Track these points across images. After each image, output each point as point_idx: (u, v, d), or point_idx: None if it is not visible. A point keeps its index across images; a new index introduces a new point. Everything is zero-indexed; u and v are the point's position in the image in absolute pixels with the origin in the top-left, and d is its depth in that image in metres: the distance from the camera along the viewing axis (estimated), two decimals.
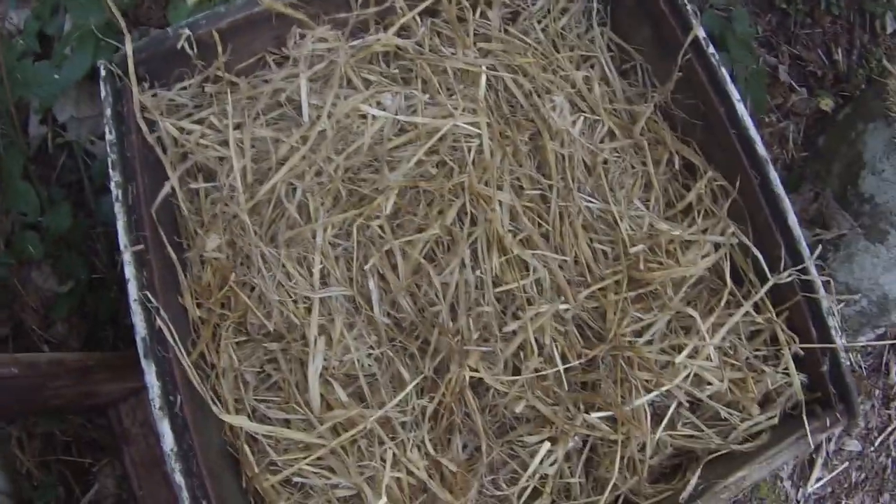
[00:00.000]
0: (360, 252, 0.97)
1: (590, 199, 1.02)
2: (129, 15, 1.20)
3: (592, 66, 1.10)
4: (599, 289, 1.01)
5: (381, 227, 0.98)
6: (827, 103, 1.35)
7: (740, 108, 1.02)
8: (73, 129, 1.23)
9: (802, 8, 1.38)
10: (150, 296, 0.91)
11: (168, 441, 0.86)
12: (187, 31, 1.00)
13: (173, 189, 0.99)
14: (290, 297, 0.96)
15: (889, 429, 1.56)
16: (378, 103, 1.01)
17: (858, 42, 1.45)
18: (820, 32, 1.40)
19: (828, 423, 0.99)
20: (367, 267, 0.96)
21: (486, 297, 0.98)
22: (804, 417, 0.96)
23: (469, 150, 1.01)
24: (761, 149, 1.02)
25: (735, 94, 1.03)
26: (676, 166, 1.06)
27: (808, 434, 0.96)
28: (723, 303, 1.01)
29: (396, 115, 1.00)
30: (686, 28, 1.05)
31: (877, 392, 1.42)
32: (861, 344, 1.34)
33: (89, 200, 1.22)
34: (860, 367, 1.37)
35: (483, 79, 1.02)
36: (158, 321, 0.91)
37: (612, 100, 1.08)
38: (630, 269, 1.01)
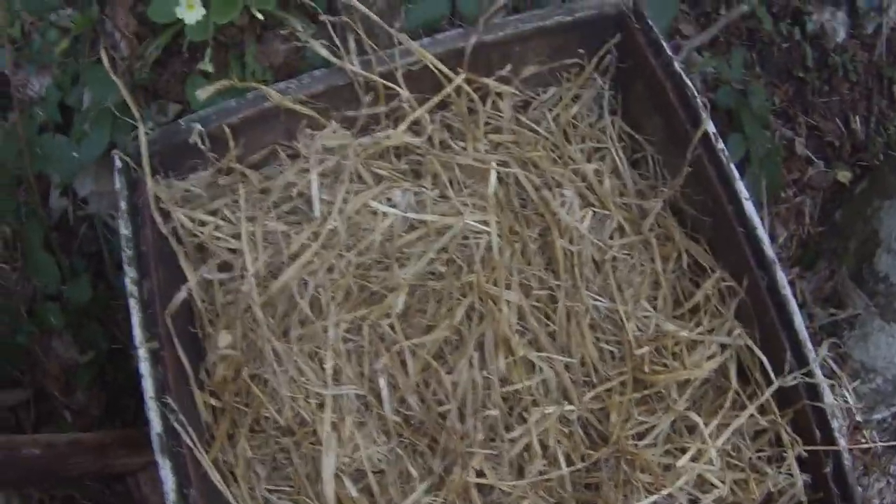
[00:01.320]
0: (370, 349, 0.99)
1: (597, 298, 1.02)
2: (148, 88, 1.21)
3: (603, 158, 1.09)
4: (604, 390, 1.02)
5: (391, 325, 1.00)
6: (844, 175, 1.33)
7: (749, 208, 1.00)
8: (93, 203, 1.24)
9: (820, 75, 1.36)
10: (165, 392, 0.95)
11: None
12: (199, 126, 1.00)
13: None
14: (302, 393, 0.98)
15: None
16: (388, 199, 1.02)
17: (876, 108, 1.41)
18: (838, 100, 1.37)
19: None
20: (377, 367, 0.98)
21: (493, 397, 0.99)
22: None
23: (478, 247, 1.01)
24: (769, 250, 1.00)
25: (744, 193, 1.01)
26: (685, 264, 1.04)
27: None
28: (728, 404, 1.02)
29: (406, 212, 1.01)
30: (696, 122, 1.04)
31: (892, 468, 1.40)
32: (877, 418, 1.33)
33: (109, 273, 1.23)
34: (875, 443, 1.35)
35: (493, 176, 1.02)
36: (173, 421, 0.94)
37: (622, 192, 1.07)
38: (635, 371, 1.00)
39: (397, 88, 0.99)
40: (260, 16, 1.16)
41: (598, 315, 1.02)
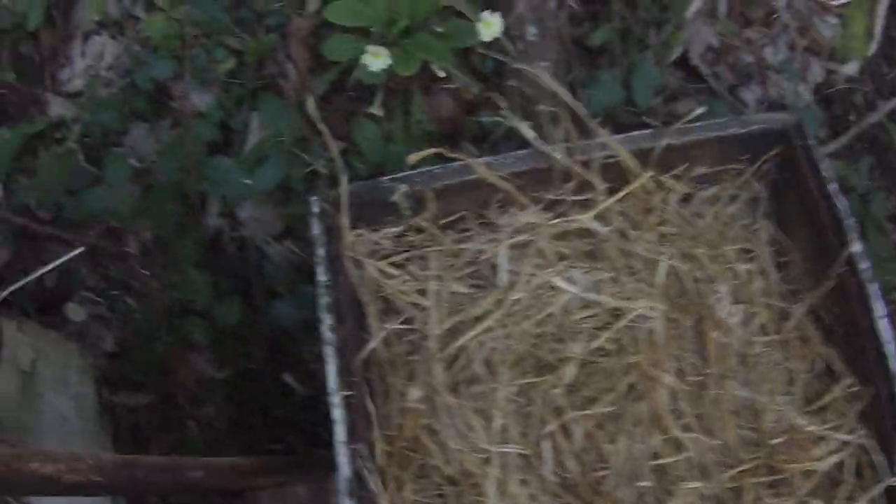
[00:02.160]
0: (537, 413, 1.07)
1: (741, 388, 1.14)
2: (314, 125, 1.25)
3: (753, 259, 1.18)
4: (740, 472, 1.13)
5: (559, 394, 1.07)
6: None
7: (882, 325, 1.12)
8: (250, 227, 1.27)
9: None
10: (353, 439, 1.01)
11: None
12: (404, 187, 1.08)
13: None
14: (469, 447, 1.05)
15: None
16: (568, 278, 1.10)
17: None
18: None
19: None
20: (545, 431, 1.05)
21: (644, 469, 1.08)
22: None
23: (641, 331, 1.10)
24: (893, 365, 1.13)
25: (880, 312, 1.12)
26: (818, 367, 1.13)
27: None
28: (843, 495, 1.14)
29: (584, 291, 1.09)
30: (842, 240, 1.14)
31: None
32: None
33: (256, 297, 1.26)
34: None
35: (663, 267, 1.11)
36: (361, 465, 1.00)
37: (768, 293, 1.17)
38: (768, 458, 1.12)
39: (593, 180, 1.07)
40: (442, 73, 1.22)
41: (741, 404, 1.14)
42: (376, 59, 1.19)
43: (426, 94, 1.27)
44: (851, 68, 1.45)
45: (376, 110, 1.24)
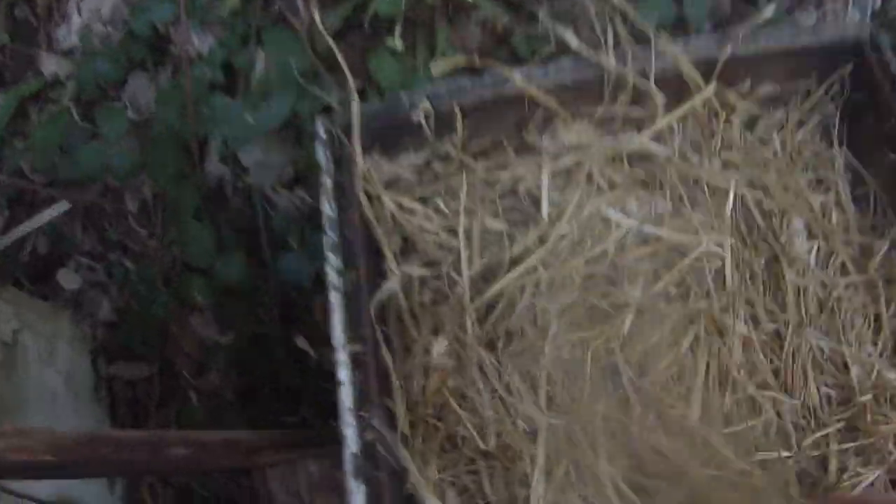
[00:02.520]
0: (590, 373, 0.75)
1: (822, 337, 0.81)
2: (326, 59, 0.95)
3: (827, 190, 0.85)
4: (822, 436, 0.81)
5: (615, 349, 0.75)
6: None
7: None
8: (256, 174, 0.93)
9: None
10: (364, 404, 0.69)
11: None
12: (428, 104, 0.74)
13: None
14: (510, 416, 0.73)
15: None
16: (622, 209, 0.78)
17: None
18: None
19: None
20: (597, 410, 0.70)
21: (714, 438, 0.76)
22: None
23: (710, 271, 0.79)
24: None
25: None
26: None
27: None
28: None
29: (642, 224, 0.78)
30: None
31: None
32: None
33: (264, 252, 0.92)
34: None
35: (732, 196, 0.77)
36: (370, 435, 0.68)
37: (846, 228, 0.83)
38: (854, 420, 0.79)
39: (652, 91, 0.73)
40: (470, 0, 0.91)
41: (822, 355, 0.79)
42: None
43: (451, 25, 0.97)
44: None
45: (396, 44, 0.93)
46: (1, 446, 0.60)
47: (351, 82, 0.74)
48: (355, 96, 0.73)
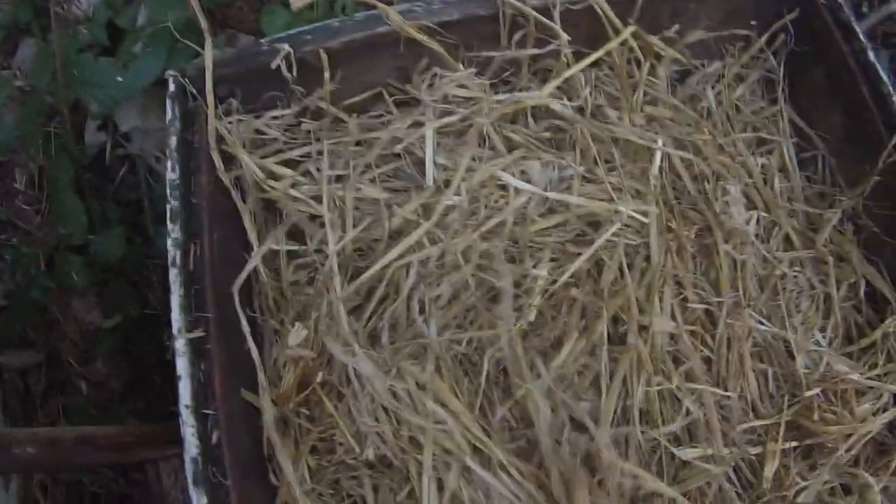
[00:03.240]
0: (485, 367, 0.57)
1: (762, 321, 0.61)
2: (215, 14, 0.77)
3: (770, 152, 0.65)
4: (762, 432, 0.63)
5: (516, 338, 0.58)
6: None
7: None
8: (136, 141, 0.76)
9: None
10: (207, 400, 0.53)
11: None
12: (287, 47, 0.55)
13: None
14: (390, 422, 0.52)
15: None
16: (523, 172, 0.58)
17: None
18: None
19: None
20: (498, 415, 0.51)
21: (632, 439, 0.59)
22: None
23: (628, 248, 0.61)
24: None
25: None
26: (861, 293, 0.61)
27: None
28: (894, 465, 0.65)
29: (546, 190, 0.58)
30: (891, 124, 0.65)
31: None
32: None
33: (148, 226, 0.75)
34: None
35: (658, 157, 0.58)
36: (216, 436, 0.52)
37: (790, 197, 0.64)
38: (798, 416, 0.59)
39: (556, 29, 0.55)
40: None
41: (762, 341, 0.60)
42: None
43: None
44: None
45: None
46: None
47: (205, 24, 0.57)
48: (209, 40, 0.57)
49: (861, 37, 0.64)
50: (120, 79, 0.68)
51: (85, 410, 0.76)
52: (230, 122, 0.57)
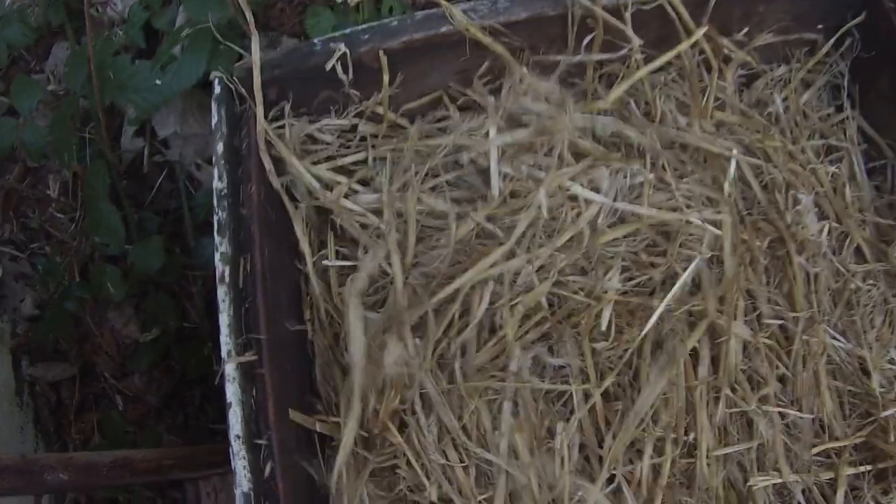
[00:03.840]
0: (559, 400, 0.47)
1: (837, 337, 0.53)
2: (257, 16, 0.70)
3: (839, 161, 0.57)
4: (835, 453, 0.56)
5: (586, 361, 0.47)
6: None
7: None
8: (175, 147, 0.68)
9: None
10: (260, 429, 0.45)
11: None
12: (343, 47, 0.47)
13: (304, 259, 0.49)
14: (457, 457, 0.44)
15: None
16: (591, 181, 0.51)
17: None
18: None
19: None
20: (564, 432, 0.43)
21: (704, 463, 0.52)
22: None
23: (702, 257, 0.54)
24: None
25: None
26: None
27: None
28: None
29: (615, 200, 0.50)
30: None
31: None
32: None
33: (188, 236, 0.67)
34: None
35: (733, 166, 0.51)
36: (270, 468, 0.45)
37: (860, 208, 0.56)
38: (873, 437, 0.51)
39: (627, 32, 0.47)
40: None
41: (838, 358, 0.52)
42: None
43: None
44: None
45: None
46: None
47: (251, 23, 0.50)
48: (255, 38, 0.49)
49: None
50: (158, 82, 0.60)
51: (120, 426, 0.68)
52: (281, 127, 0.50)
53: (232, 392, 0.43)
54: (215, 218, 0.46)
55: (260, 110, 0.47)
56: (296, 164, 0.48)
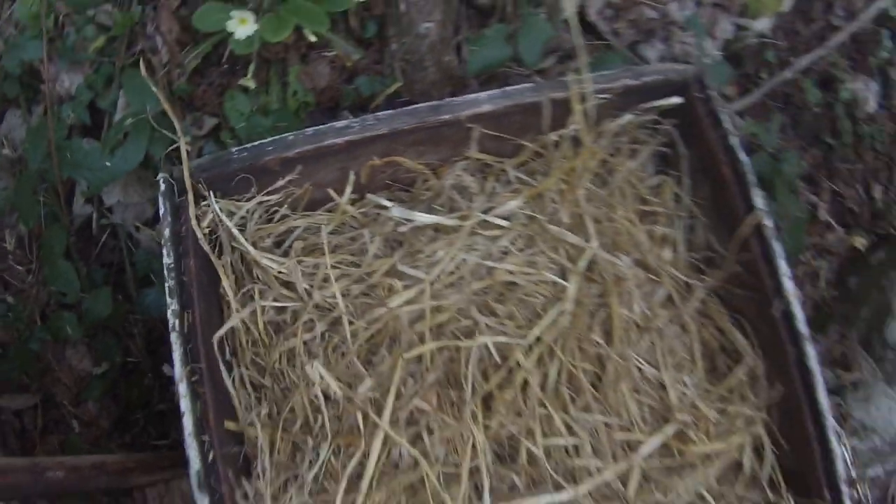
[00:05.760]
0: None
1: (643, 362, 0.94)
2: (183, 99, 1.06)
3: (658, 221, 0.98)
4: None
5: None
6: (861, 241, 1.27)
7: (788, 285, 0.89)
8: (118, 213, 1.06)
9: (847, 142, 1.31)
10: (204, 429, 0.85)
11: None
12: (247, 160, 0.87)
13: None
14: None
15: None
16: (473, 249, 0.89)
17: None
18: (861, 168, 1.32)
19: None
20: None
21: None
22: None
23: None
24: (802, 326, 0.88)
25: (784, 271, 0.89)
26: (724, 344, 0.94)
27: None
28: (744, 481, 0.94)
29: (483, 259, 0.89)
30: (747, 200, 0.91)
31: None
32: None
33: (129, 286, 1.06)
34: (867, 498, 1.32)
35: (588, 254, 0.89)
36: (212, 455, 0.84)
37: (673, 262, 0.96)
38: (667, 439, 0.92)
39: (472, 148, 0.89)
40: (313, 37, 1.04)
41: (641, 377, 0.91)
42: (243, 26, 1.00)
43: (303, 62, 1.10)
44: (763, 24, 1.24)
45: (249, 82, 1.04)
46: None
47: (180, 130, 0.87)
48: (185, 154, 0.88)
49: (724, 124, 0.96)
50: (108, 164, 0.98)
51: (78, 446, 1.08)
52: (207, 206, 0.89)
53: (184, 405, 0.82)
54: (167, 285, 0.83)
55: (191, 203, 0.87)
56: (230, 241, 0.87)
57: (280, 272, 0.88)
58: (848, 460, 0.97)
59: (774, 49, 1.22)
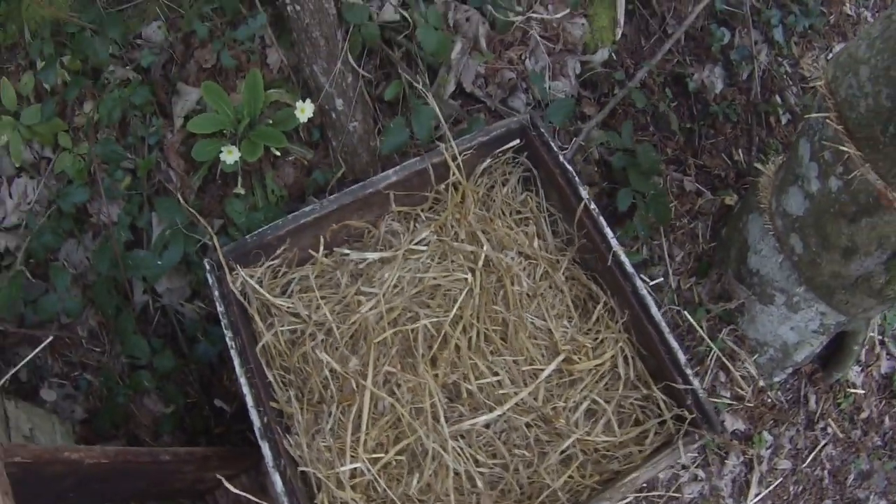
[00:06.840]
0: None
1: (534, 318, 2.11)
2: (198, 208, 2.32)
3: (529, 223, 2.07)
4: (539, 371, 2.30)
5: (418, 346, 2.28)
6: (730, 198, 2.31)
7: (614, 243, 1.92)
8: (167, 296, 2.02)
9: (705, 123, 2.52)
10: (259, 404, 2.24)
11: (277, 483, 1.79)
12: (256, 242, 2.24)
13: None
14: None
15: (818, 447, 2.47)
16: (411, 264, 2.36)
17: (757, 138, 2.28)
18: (723, 140, 2.39)
19: (696, 438, 1.87)
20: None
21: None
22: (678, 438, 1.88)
23: (461, 292, 2.18)
24: (629, 267, 1.85)
25: (609, 234, 1.87)
26: (588, 294, 2.08)
27: (681, 446, 1.86)
28: (622, 383, 2.19)
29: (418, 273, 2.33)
30: (577, 196, 2.11)
31: (800, 419, 2.39)
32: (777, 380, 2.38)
33: (182, 346, 2.15)
34: (780, 401, 2.51)
35: (483, 254, 2.07)
36: (266, 419, 2.21)
37: (546, 248, 2.02)
38: (560, 364, 2.20)
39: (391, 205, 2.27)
40: (277, 152, 2.44)
41: (535, 328, 2.02)
42: (230, 155, 2.00)
43: (274, 168, 2.35)
44: (603, 55, 2.19)
45: (239, 190, 2.11)
46: (82, 454, 2.18)
47: (211, 233, 2.18)
48: (217, 244, 2.25)
49: (554, 148, 1.88)
50: (159, 262, 2.38)
51: None
52: (238, 276, 2.32)
53: (245, 388, 2.06)
54: (222, 322, 1.89)
55: (226, 273, 2.22)
56: (254, 291, 2.30)
57: (288, 307, 2.07)
58: (753, 371, 2.38)
59: (623, 67, 2.46)
